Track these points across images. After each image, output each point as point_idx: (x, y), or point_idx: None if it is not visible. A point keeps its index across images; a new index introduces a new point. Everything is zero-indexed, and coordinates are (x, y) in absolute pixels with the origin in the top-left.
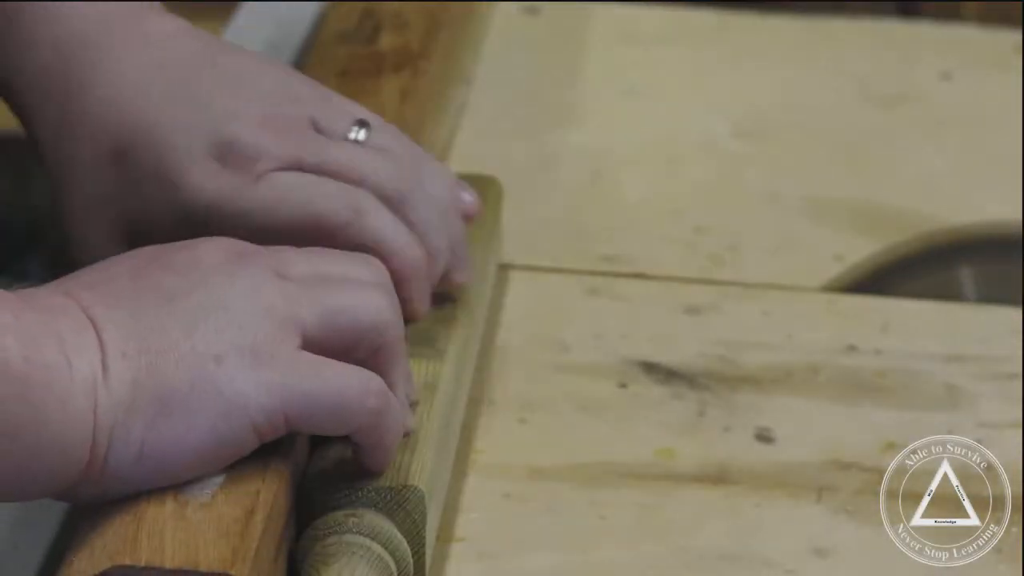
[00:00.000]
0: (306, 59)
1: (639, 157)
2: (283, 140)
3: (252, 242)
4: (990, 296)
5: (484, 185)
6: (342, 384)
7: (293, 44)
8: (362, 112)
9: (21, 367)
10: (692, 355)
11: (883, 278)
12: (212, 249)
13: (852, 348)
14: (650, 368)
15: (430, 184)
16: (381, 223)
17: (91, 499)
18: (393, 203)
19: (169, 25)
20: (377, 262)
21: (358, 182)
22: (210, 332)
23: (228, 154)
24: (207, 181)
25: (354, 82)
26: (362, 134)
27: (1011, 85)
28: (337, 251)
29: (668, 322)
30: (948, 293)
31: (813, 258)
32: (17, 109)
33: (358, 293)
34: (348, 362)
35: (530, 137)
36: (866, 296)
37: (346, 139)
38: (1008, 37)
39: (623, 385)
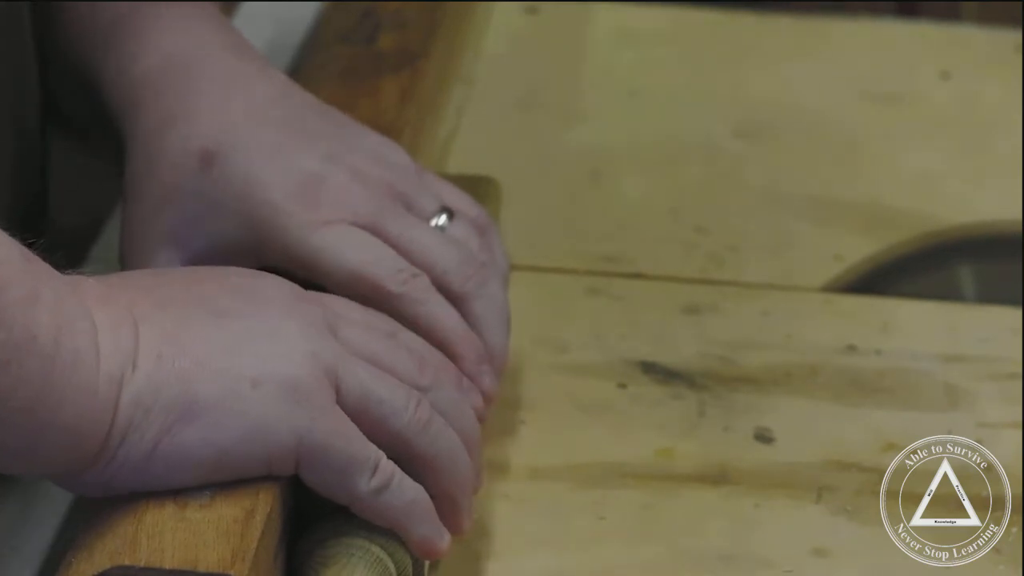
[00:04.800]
0: (306, 59)
1: (639, 157)
2: (371, 200)
3: (295, 281)
4: (990, 296)
5: (483, 185)
6: (354, 450)
7: (293, 44)
8: (450, 196)
9: (49, 346)
10: (692, 355)
11: (883, 278)
12: (273, 284)
13: (852, 348)
14: (649, 368)
15: (495, 286)
16: (437, 310)
17: (91, 491)
18: (454, 298)
19: (262, 63)
20: (432, 365)
21: (427, 268)
22: (252, 356)
23: (314, 189)
24: (283, 202)
25: (354, 82)
26: (443, 220)
27: (1011, 85)
28: (397, 334)
29: (667, 322)
30: (948, 293)
31: (813, 258)
32: (115, 103)
33: (397, 391)
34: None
35: (530, 137)
36: (866, 296)
37: (427, 222)
38: (1008, 37)
39: (622, 385)
